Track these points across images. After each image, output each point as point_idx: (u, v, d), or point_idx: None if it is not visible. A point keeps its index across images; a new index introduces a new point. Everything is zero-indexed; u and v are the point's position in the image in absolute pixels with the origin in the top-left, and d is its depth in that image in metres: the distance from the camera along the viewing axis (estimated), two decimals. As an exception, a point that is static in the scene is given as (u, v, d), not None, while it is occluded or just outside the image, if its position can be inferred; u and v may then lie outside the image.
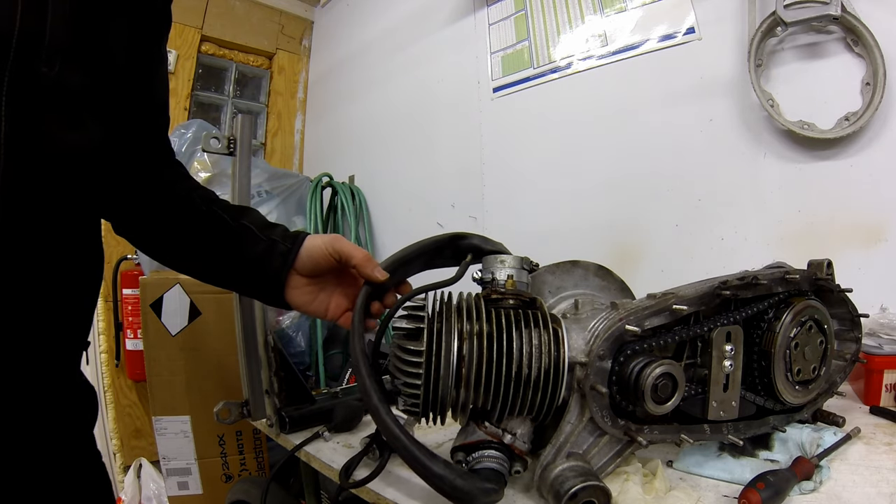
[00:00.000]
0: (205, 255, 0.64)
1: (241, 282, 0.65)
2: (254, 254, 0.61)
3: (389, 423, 0.50)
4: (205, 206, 0.63)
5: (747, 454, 0.63)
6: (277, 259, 0.61)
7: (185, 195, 0.63)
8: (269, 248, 0.61)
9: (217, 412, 0.92)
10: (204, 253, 0.63)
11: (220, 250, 0.62)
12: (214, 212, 0.63)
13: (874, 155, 0.96)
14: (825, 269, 0.68)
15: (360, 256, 0.61)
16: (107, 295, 1.82)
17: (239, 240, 0.61)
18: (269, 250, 0.61)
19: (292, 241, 0.62)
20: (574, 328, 0.58)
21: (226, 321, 1.15)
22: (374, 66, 2.10)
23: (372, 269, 0.60)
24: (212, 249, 0.63)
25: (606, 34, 1.36)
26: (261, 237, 0.61)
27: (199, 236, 0.62)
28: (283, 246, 0.61)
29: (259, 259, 0.61)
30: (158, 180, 0.62)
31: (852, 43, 0.97)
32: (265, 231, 0.62)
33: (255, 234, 0.62)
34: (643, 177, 1.28)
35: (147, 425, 1.81)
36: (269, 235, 0.62)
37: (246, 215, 0.64)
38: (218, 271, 0.65)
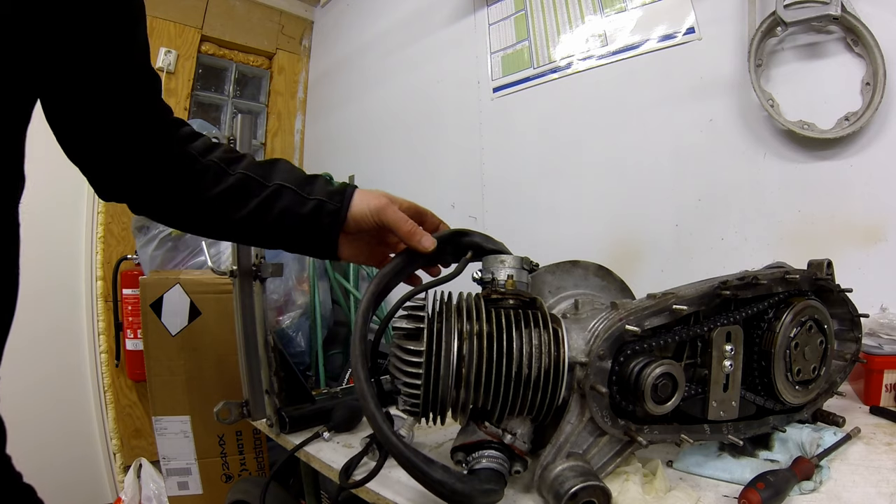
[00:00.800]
0: (240, 223, 0.60)
1: (288, 243, 0.63)
2: (299, 216, 0.59)
3: (386, 430, 0.50)
4: (231, 169, 0.59)
5: (747, 454, 0.63)
6: (326, 219, 0.59)
7: (196, 160, 0.59)
8: (317, 210, 0.59)
9: (217, 412, 0.92)
10: (238, 221, 0.60)
11: (258, 216, 0.59)
12: (245, 176, 0.59)
13: (874, 155, 0.96)
14: (825, 269, 0.68)
15: (405, 231, 0.60)
16: (107, 295, 1.82)
17: (277, 202, 0.59)
18: (317, 211, 0.59)
19: (339, 199, 0.60)
20: (574, 328, 0.58)
21: (226, 321, 1.15)
22: (373, 66, 2.10)
23: (419, 240, 0.60)
24: (248, 216, 0.59)
25: (606, 34, 1.36)
26: (304, 197, 0.59)
27: (230, 203, 0.59)
28: (330, 205, 0.59)
29: (306, 221, 0.59)
30: (158, 146, 0.57)
31: (852, 43, 0.97)
32: (306, 188, 0.60)
33: (296, 194, 0.59)
34: (643, 177, 1.28)
35: (147, 425, 1.81)
36: (312, 193, 0.59)
37: (277, 172, 0.60)
38: (259, 236, 0.62)
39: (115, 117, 0.53)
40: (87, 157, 0.56)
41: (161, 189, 0.59)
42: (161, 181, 0.58)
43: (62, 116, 0.52)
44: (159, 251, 1.48)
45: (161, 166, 0.57)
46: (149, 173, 0.57)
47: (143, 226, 1.52)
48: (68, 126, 0.53)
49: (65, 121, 0.52)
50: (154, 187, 0.59)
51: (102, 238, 1.84)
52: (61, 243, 1.81)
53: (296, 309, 1.48)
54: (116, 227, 1.87)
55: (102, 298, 1.83)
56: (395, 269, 0.62)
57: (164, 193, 0.59)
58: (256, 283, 0.93)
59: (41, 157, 0.54)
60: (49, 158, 0.79)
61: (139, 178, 0.58)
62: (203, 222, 0.62)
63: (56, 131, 0.53)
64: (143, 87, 0.55)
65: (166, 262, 1.49)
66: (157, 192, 0.59)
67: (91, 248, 1.85)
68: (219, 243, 1.45)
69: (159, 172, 0.58)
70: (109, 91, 0.51)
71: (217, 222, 0.61)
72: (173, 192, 0.59)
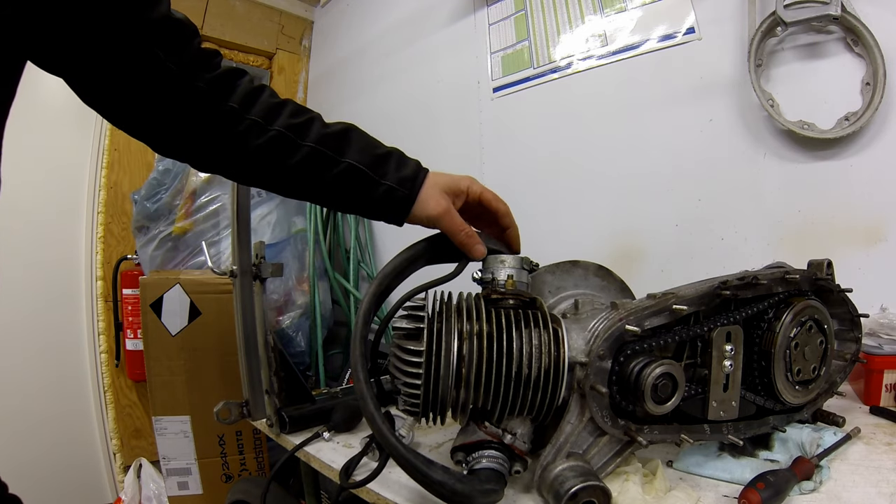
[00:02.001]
0: (309, 194, 0.62)
1: (359, 212, 0.64)
2: (368, 199, 0.60)
3: (385, 431, 0.50)
4: (301, 140, 0.58)
5: (747, 454, 0.63)
6: (394, 206, 0.61)
7: (263, 130, 0.57)
8: (386, 196, 0.60)
9: (217, 412, 0.92)
10: (308, 192, 0.62)
11: (328, 190, 0.60)
12: (315, 150, 0.58)
13: (874, 155, 0.96)
14: (825, 269, 0.68)
15: (458, 241, 0.62)
16: (107, 295, 1.82)
17: (348, 182, 0.59)
18: (386, 198, 0.60)
19: (410, 186, 0.61)
20: (574, 328, 0.58)
21: (226, 321, 1.15)
22: (373, 66, 2.10)
23: (470, 249, 0.62)
24: (319, 189, 0.61)
25: (606, 34, 1.36)
26: (375, 180, 0.60)
27: (302, 176, 0.59)
28: (400, 192, 0.60)
29: (374, 204, 0.61)
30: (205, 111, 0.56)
31: (852, 43, 0.97)
32: (378, 169, 0.60)
33: (368, 177, 0.59)
34: (643, 177, 1.28)
35: (147, 425, 1.81)
36: (385, 177, 0.60)
37: (350, 146, 0.60)
38: (326, 202, 0.64)
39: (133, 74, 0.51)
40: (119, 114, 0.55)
41: (222, 161, 0.59)
42: (218, 153, 0.58)
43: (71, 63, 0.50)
44: (159, 251, 1.48)
45: (212, 135, 0.57)
46: (198, 139, 0.57)
47: (143, 226, 1.52)
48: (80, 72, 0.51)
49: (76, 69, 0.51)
50: (211, 157, 0.59)
51: (102, 238, 1.84)
52: (61, 243, 1.81)
53: (296, 309, 1.48)
54: (116, 227, 1.87)
55: (102, 298, 1.83)
56: (396, 269, 0.62)
57: (227, 165, 0.60)
58: (256, 283, 0.93)
59: (41, 157, 0.54)
60: (49, 158, 0.81)
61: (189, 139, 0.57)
62: (273, 187, 0.63)
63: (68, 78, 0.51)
64: (157, 36, 0.52)
65: (166, 262, 1.49)
66: (216, 161, 0.60)
67: (91, 248, 1.85)
68: (219, 243, 1.45)
69: (211, 142, 0.57)
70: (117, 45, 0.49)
71: (287, 191, 0.62)
72: (238, 165, 0.60)
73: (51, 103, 1.68)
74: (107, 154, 1.85)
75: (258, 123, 0.57)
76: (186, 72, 0.54)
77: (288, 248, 1.53)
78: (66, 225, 1.82)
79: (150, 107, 0.54)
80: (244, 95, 0.57)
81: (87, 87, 0.52)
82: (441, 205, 0.61)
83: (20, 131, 0.51)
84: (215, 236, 1.47)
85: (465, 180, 0.65)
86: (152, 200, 1.49)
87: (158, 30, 0.52)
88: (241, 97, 0.57)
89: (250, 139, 0.57)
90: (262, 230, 1.49)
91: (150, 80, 0.52)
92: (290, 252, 1.53)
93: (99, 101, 0.54)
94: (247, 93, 0.58)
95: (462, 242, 0.62)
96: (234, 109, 0.56)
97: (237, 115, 0.56)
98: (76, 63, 0.49)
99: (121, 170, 1.88)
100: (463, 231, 0.62)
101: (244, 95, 0.57)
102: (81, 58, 0.49)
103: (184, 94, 0.54)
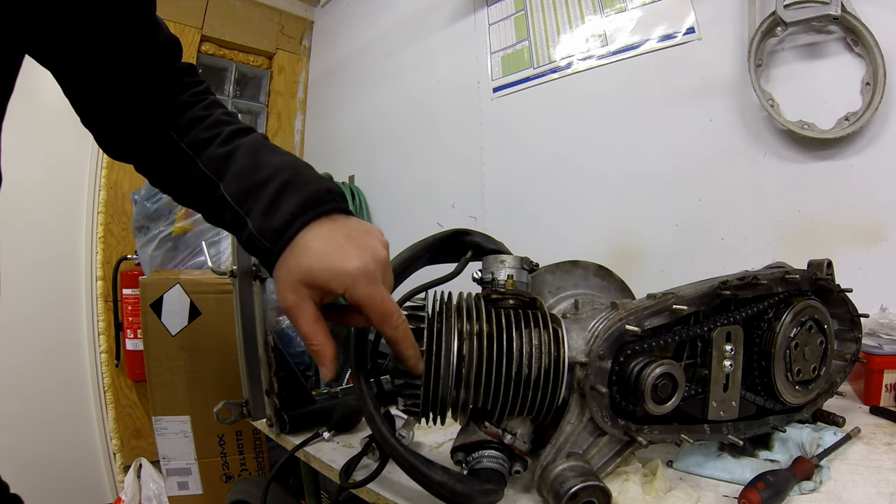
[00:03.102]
0: (205, 215, 0.55)
1: None
2: (241, 239, 0.48)
3: (385, 432, 0.50)
4: (199, 158, 0.51)
5: (747, 454, 0.63)
6: (261, 256, 0.47)
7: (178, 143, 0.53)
8: (250, 242, 0.47)
9: (217, 412, 0.92)
10: (204, 213, 0.55)
11: (215, 217, 0.52)
12: (203, 173, 0.51)
13: (874, 155, 0.96)
14: (825, 269, 0.68)
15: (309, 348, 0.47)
16: (107, 295, 1.83)
17: (223, 213, 0.49)
18: (251, 245, 0.47)
19: (274, 239, 0.45)
20: (574, 328, 0.58)
21: (226, 321, 1.15)
22: (373, 67, 2.10)
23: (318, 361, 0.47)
24: (209, 214, 0.54)
25: (606, 34, 1.36)
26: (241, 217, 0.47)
27: (194, 195, 0.54)
28: (260, 243, 0.46)
29: (248, 248, 0.48)
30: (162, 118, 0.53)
31: (852, 43, 0.97)
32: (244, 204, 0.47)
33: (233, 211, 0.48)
34: (643, 177, 1.28)
35: (147, 425, 1.81)
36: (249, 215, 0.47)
37: (227, 170, 0.49)
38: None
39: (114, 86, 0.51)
40: (95, 120, 0.55)
41: (153, 168, 0.58)
42: (154, 161, 0.57)
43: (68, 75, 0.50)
44: (159, 251, 1.48)
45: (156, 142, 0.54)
46: (147, 150, 0.56)
47: (143, 226, 1.52)
48: (74, 86, 0.52)
49: (71, 82, 0.51)
50: (152, 166, 0.58)
51: (102, 238, 1.85)
52: (61, 243, 1.81)
53: (296, 309, 1.48)
54: (116, 227, 1.87)
55: (102, 298, 1.83)
56: (395, 270, 0.62)
57: (155, 171, 0.59)
58: (256, 283, 0.93)
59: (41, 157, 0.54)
60: (49, 158, 0.80)
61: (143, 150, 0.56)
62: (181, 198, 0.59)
63: (64, 89, 0.52)
64: (144, 53, 0.50)
65: (166, 262, 1.49)
66: (153, 170, 0.58)
67: (91, 248, 1.85)
68: (219, 243, 1.45)
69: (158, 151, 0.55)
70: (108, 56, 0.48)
71: (192, 205, 0.57)
72: (158, 171, 0.58)
73: (51, 103, 1.68)
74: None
75: (174, 136, 0.53)
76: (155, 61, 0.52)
77: (288, 248, 1.53)
78: (66, 225, 1.82)
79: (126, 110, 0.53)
80: (194, 103, 0.55)
81: (70, 78, 0.52)
82: (288, 299, 0.44)
83: (20, 131, 0.51)
84: (215, 236, 1.47)
85: (347, 277, 0.43)
86: (152, 200, 1.49)
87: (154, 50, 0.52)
88: (190, 102, 0.55)
89: (173, 142, 0.53)
90: (262, 230, 1.49)
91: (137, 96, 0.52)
92: (290, 252, 1.53)
93: (82, 104, 0.54)
94: (196, 102, 0.55)
95: (311, 351, 0.46)
96: (177, 127, 0.54)
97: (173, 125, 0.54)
98: (66, 54, 0.49)
99: (121, 170, 1.88)
100: (308, 340, 0.45)
101: (194, 103, 0.55)
102: (71, 49, 0.48)
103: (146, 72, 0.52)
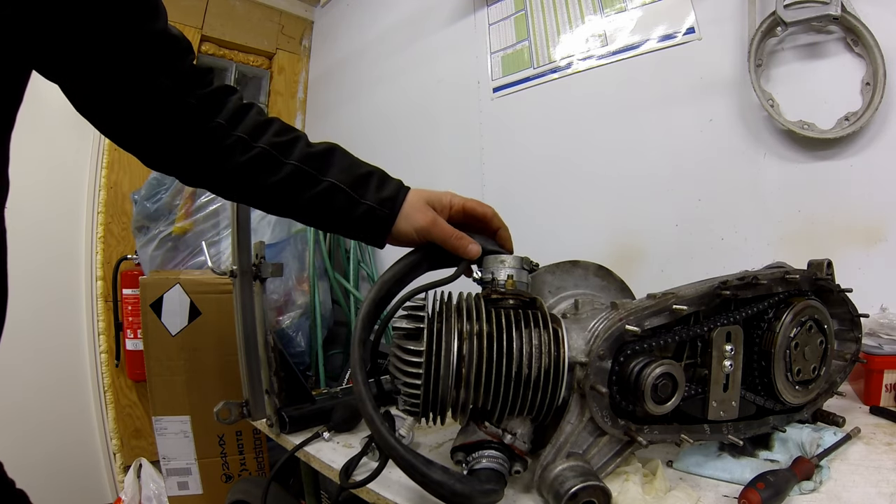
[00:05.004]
0: (290, 212, 0.62)
1: (340, 231, 0.64)
2: (348, 220, 0.61)
3: (385, 433, 0.50)
4: (284, 157, 0.59)
5: (747, 454, 0.63)
6: (374, 226, 0.61)
7: (248, 147, 0.58)
8: (366, 216, 0.61)
9: (217, 412, 0.92)
10: (289, 210, 0.62)
11: (307, 209, 0.61)
12: (298, 169, 0.59)
13: (874, 155, 0.96)
14: (825, 269, 0.68)
15: (451, 246, 0.62)
16: (107, 295, 1.83)
17: (329, 202, 0.60)
18: (366, 218, 0.61)
19: (391, 206, 0.61)
20: (574, 328, 0.58)
21: (226, 321, 1.15)
22: (373, 67, 2.10)
23: (465, 251, 0.62)
24: (298, 209, 0.61)
25: (606, 34, 1.36)
26: (356, 200, 0.60)
27: (284, 194, 0.60)
28: (380, 212, 0.61)
29: (354, 224, 0.61)
30: (193, 128, 0.56)
31: (852, 43, 0.97)
32: (359, 189, 0.61)
33: (348, 197, 0.60)
34: (643, 177, 1.28)
35: (147, 425, 1.81)
36: (365, 196, 0.60)
37: (332, 166, 0.60)
38: (306, 221, 0.64)
39: (124, 84, 0.51)
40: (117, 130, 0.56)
41: (207, 176, 0.60)
42: (203, 168, 0.59)
43: (66, 72, 0.50)
44: (159, 251, 1.48)
45: (199, 150, 0.57)
46: (186, 153, 0.58)
47: (143, 226, 1.52)
48: (75, 85, 0.52)
49: (71, 81, 0.51)
50: (197, 172, 0.60)
51: (102, 238, 1.85)
52: (61, 243, 1.81)
53: (296, 309, 1.48)
54: (116, 227, 1.87)
55: (102, 298, 1.83)
56: (396, 276, 0.62)
57: (212, 180, 0.61)
58: (256, 283, 0.93)
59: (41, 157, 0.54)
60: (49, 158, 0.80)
61: (175, 152, 0.58)
62: (255, 203, 0.63)
63: (63, 88, 0.52)
64: (153, 51, 0.52)
65: (166, 262, 1.49)
66: (201, 176, 0.60)
67: (91, 248, 1.85)
68: (219, 243, 1.45)
69: (197, 156, 0.58)
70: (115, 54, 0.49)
71: (269, 207, 0.63)
72: (222, 180, 0.60)
73: (51, 104, 1.67)
74: (107, 154, 1.86)
75: (244, 140, 0.58)
76: (179, 87, 0.55)
77: (288, 248, 1.53)
78: (66, 225, 1.82)
79: (141, 119, 0.55)
80: (233, 112, 0.58)
81: (81, 96, 0.53)
82: (428, 216, 0.62)
83: (21, 132, 0.52)
84: (215, 236, 1.47)
85: (447, 195, 0.65)
86: (152, 200, 1.49)
87: (155, 43, 0.52)
88: (230, 114, 0.58)
89: (235, 155, 0.58)
90: (262, 230, 1.49)
91: (142, 93, 0.53)
92: (290, 252, 1.53)
93: (91, 111, 0.54)
94: (235, 110, 0.59)
95: (454, 246, 0.62)
96: (221, 126, 0.57)
97: (224, 131, 0.57)
98: (73, 70, 0.50)
99: (121, 170, 1.88)
100: (453, 235, 0.62)
101: (233, 112, 0.58)
102: (78, 65, 0.49)
103: (175, 109, 0.55)
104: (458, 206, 0.65)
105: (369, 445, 0.71)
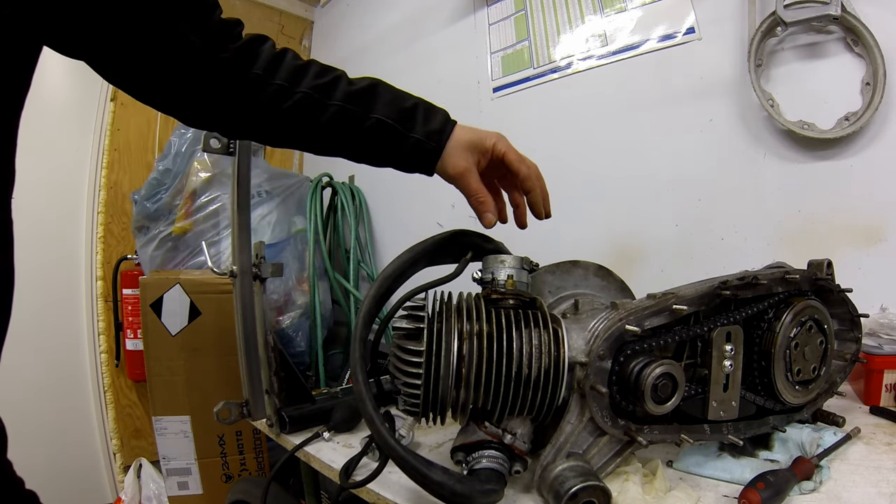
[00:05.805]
0: (336, 150, 0.63)
1: (391, 164, 0.64)
2: (396, 154, 0.61)
3: (385, 433, 0.51)
4: (328, 100, 0.59)
5: (747, 454, 0.63)
6: (420, 158, 0.62)
7: (288, 94, 0.58)
8: (414, 149, 0.61)
9: (217, 412, 0.92)
10: (335, 149, 0.63)
11: (354, 146, 0.62)
12: (342, 109, 0.59)
13: (874, 155, 0.96)
14: (825, 269, 0.68)
15: (473, 203, 0.62)
16: (107, 295, 1.83)
17: (376, 139, 0.60)
18: (414, 151, 0.61)
19: (437, 139, 0.61)
20: (574, 328, 0.58)
21: (226, 321, 1.15)
22: (373, 67, 2.09)
23: (481, 214, 0.63)
24: (345, 146, 0.62)
25: (606, 34, 1.36)
26: (404, 134, 0.60)
27: (330, 135, 0.60)
28: (427, 145, 0.61)
29: (402, 157, 0.62)
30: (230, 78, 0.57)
31: (852, 43, 0.97)
32: (406, 123, 0.60)
33: (396, 132, 0.60)
34: (643, 177, 1.28)
35: (147, 425, 1.81)
36: (412, 130, 0.60)
37: (377, 102, 0.60)
38: (352, 156, 0.64)
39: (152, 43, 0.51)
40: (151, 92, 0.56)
41: (252, 127, 0.61)
42: (247, 120, 0.59)
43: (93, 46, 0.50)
44: (159, 251, 1.48)
45: (240, 104, 0.57)
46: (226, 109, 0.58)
47: (143, 226, 1.52)
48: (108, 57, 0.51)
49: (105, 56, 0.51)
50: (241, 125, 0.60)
51: (102, 238, 1.85)
52: (61, 243, 1.81)
53: (296, 309, 1.48)
54: (116, 227, 1.87)
55: (102, 298, 1.83)
56: (396, 271, 0.62)
57: (258, 131, 0.61)
58: (256, 283, 0.93)
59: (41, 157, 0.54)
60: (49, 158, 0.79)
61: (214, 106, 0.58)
62: (305, 147, 0.64)
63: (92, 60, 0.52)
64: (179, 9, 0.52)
65: (166, 262, 1.49)
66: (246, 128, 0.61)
67: (91, 248, 1.85)
68: (219, 243, 1.45)
69: (239, 110, 0.58)
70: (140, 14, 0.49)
71: (319, 149, 0.64)
72: (269, 129, 0.60)
73: (51, 103, 1.68)
74: (107, 154, 1.86)
75: (284, 87, 0.58)
76: (210, 44, 0.54)
77: (288, 248, 1.53)
78: (66, 225, 1.82)
79: (176, 81, 0.54)
80: (268, 61, 0.58)
81: (111, 67, 0.52)
82: (461, 164, 0.61)
83: (21, 132, 0.51)
84: (215, 236, 1.47)
85: (492, 137, 0.64)
86: (152, 200, 1.49)
87: (180, 3, 0.52)
88: (266, 63, 0.58)
89: (278, 103, 0.58)
90: (262, 230, 1.49)
91: (174, 55, 0.52)
92: (290, 252, 1.53)
93: (124, 80, 0.54)
94: (270, 58, 0.59)
95: (473, 207, 0.63)
96: (259, 76, 0.57)
97: (263, 81, 0.57)
98: (98, 43, 0.49)
99: (121, 170, 1.88)
100: (476, 195, 0.62)
101: (268, 61, 0.58)
102: (104, 37, 0.49)
103: (209, 66, 0.55)
104: (499, 153, 0.64)
105: (369, 445, 0.71)
